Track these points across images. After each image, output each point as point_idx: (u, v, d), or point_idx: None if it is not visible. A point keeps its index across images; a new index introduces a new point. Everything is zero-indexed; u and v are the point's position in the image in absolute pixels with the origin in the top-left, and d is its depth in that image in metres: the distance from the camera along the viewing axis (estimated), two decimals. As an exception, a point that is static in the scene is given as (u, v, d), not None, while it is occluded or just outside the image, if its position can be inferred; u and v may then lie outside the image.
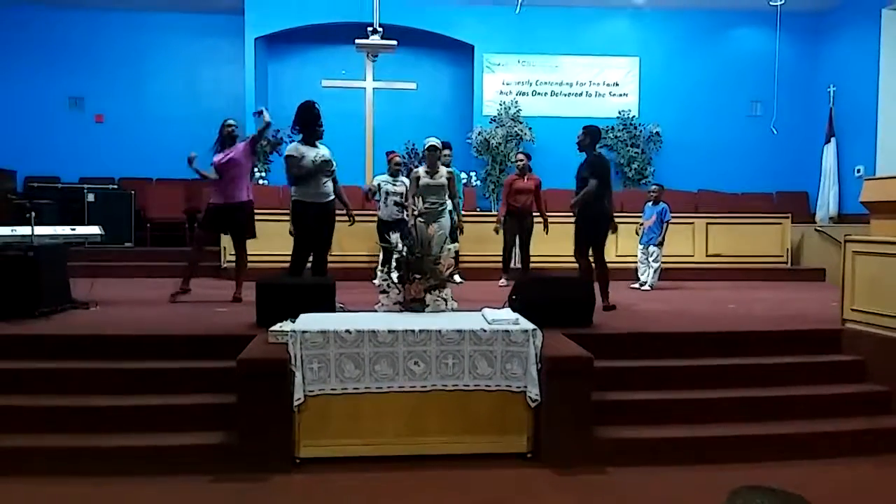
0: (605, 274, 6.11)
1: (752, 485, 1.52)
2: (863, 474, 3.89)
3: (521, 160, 8.00)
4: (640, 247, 8.17)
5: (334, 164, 5.84)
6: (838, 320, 5.05)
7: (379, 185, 7.76)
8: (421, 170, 6.99)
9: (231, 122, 6.42)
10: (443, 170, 7.03)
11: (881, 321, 4.66)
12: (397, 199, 7.57)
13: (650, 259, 8.09)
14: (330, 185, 5.91)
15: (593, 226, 6.08)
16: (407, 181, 7.58)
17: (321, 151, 5.84)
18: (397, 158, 7.95)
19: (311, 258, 5.93)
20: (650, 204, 8.24)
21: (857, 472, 3.91)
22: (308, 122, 5.84)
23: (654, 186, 8.43)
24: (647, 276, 8.10)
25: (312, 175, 5.74)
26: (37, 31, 11.91)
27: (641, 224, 8.19)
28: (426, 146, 6.93)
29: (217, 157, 6.28)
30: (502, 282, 7.76)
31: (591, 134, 6.17)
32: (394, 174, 7.78)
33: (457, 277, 7.77)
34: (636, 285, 8.11)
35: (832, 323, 5.12)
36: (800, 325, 5.30)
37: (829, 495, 3.61)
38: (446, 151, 7.72)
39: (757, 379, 4.57)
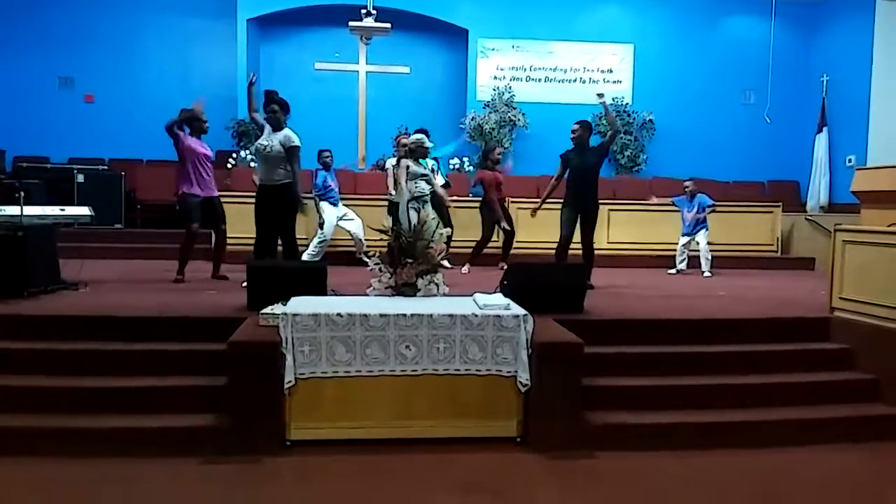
0: (590, 256, 6.47)
1: None
2: (849, 461, 3.93)
3: (500, 152, 8.61)
4: (684, 237, 8.44)
5: (268, 147, 5.87)
6: (827, 309, 5.08)
7: (408, 166, 7.74)
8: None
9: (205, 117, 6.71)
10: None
11: (869, 310, 4.69)
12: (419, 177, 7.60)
13: (701, 248, 8.35)
14: (279, 170, 5.91)
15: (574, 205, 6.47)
16: (430, 163, 7.72)
17: (270, 138, 5.92)
18: (405, 140, 7.96)
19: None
20: (686, 198, 8.41)
21: (844, 458, 3.95)
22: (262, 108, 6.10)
23: (688, 182, 8.50)
24: (683, 264, 8.42)
25: (257, 161, 6.16)
26: (26, 10, 11.74)
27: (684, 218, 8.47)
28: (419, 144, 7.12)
29: (194, 144, 6.54)
30: (465, 269, 7.90)
31: (588, 128, 6.58)
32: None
33: (445, 262, 7.77)
34: (672, 271, 8.45)
35: (821, 311, 5.16)
36: (789, 313, 5.35)
37: (815, 482, 3.67)
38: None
39: (745, 366, 4.60)
